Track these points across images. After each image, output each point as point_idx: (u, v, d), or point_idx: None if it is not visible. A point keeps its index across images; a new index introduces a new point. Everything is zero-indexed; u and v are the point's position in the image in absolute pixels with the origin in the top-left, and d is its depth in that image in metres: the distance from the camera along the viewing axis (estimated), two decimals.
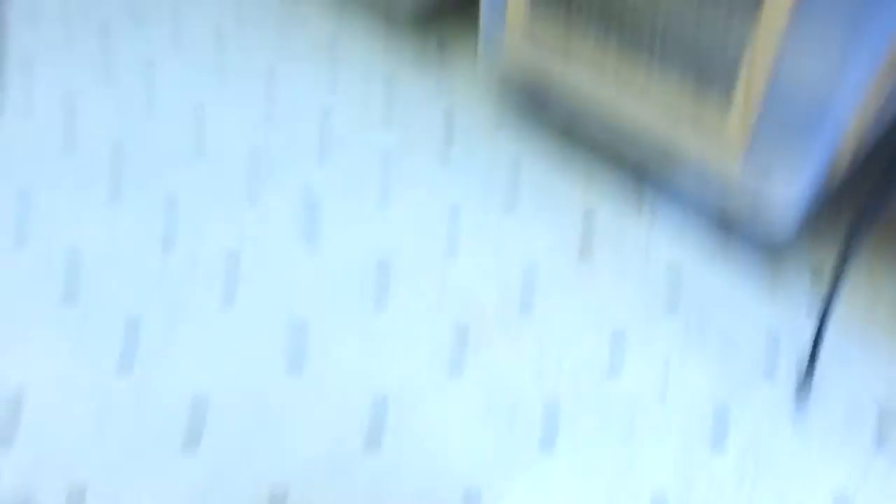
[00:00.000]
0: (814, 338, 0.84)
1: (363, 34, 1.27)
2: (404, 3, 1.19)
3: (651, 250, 0.99)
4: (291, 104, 1.15)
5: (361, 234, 0.99)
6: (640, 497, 0.77)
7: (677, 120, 0.90)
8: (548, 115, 1.15)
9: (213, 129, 1.11)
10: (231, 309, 0.91)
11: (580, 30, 1.02)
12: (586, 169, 1.08)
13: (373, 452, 0.79)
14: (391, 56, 1.23)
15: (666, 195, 1.05)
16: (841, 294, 0.94)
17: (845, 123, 0.82)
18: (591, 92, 0.98)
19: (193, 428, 0.81)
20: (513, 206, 1.03)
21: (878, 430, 0.83)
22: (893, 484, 0.79)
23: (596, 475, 0.78)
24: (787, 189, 0.86)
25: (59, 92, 1.14)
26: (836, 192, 1.06)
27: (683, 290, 0.95)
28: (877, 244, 1.01)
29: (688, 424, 0.83)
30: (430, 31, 1.28)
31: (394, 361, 0.87)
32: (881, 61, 0.76)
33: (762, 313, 0.93)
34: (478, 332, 0.89)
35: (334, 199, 1.03)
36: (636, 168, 1.09)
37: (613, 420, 0.83)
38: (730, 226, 1.02)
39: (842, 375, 0.87)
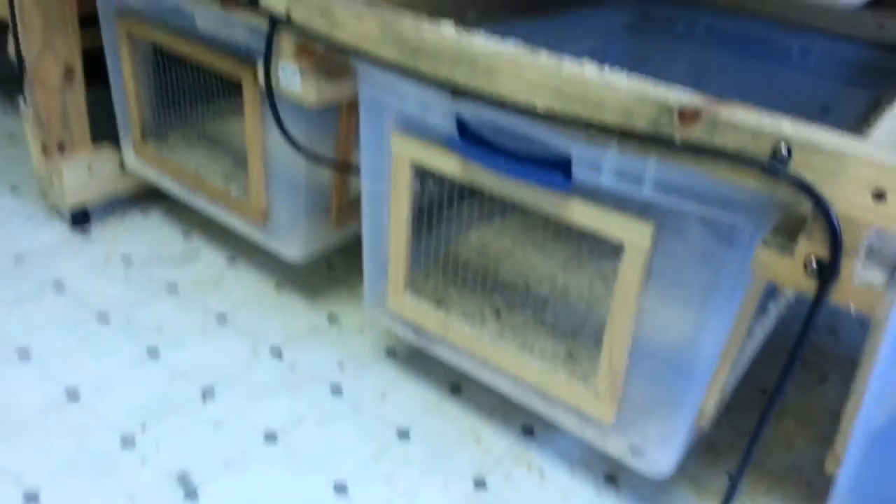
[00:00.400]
0: None
1: (254, 307, 1.31)
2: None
3: None
4: (176, 373, 1.14)
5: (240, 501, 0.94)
6: None
7: (553, 382, 0.95)
8: (435, 376, 1.18)
9: (91, 379, 1.08)
10: None
11: (458, 297, 1.10)
12: (473, 431, 1.09)
13: None
14: (281, 328, 1.26)
15: (554, 453, 1.07)
16: None
17: (709, 371, 0.88)
18: (471, 355, 1.03)
19: None
20: (399, 477, 1.01)
21: None
22: None
23: None
24: (660, 435, 0.90)
25: None
26: (710, 439, 1.10)
27: None
28: (754, 487, 1.04)
29: None
30: (321, 305, 1.34)
31: None
32: (737, 309, 0.84)
33: None
34: None
35: (212, 467, 0.98)
36: (523, 427, 1.11)
37: None
38: (616, 481, 1.03)
39: None
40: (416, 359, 1.21)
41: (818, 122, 1.58)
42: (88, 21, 1.39)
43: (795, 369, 1.16)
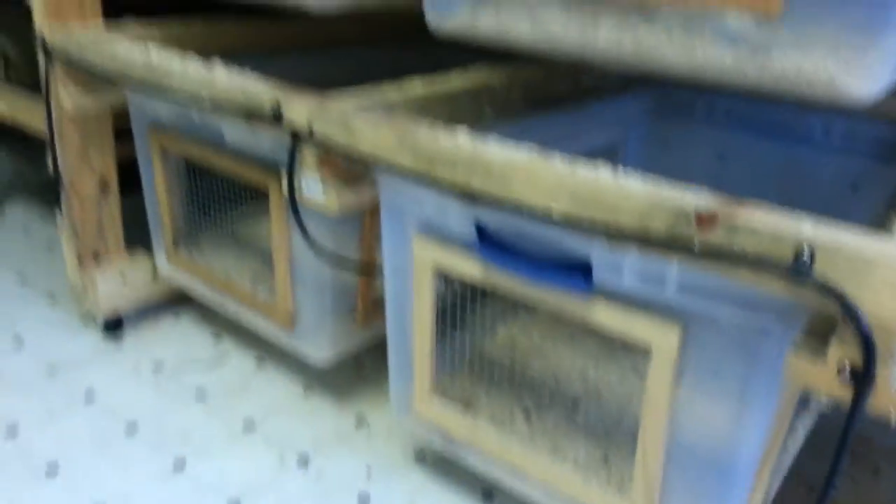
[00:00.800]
0: None
1: (282, 412, 1.30)
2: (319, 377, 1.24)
3: None
4: (203, 485, 1.12)
5: None
6: None
7: (587, 491, 0.91)
8: (467, 482, 1.15)
9: (120, 484, 1.07)
10: None
11: (486, 398, 1.07)
12: None
13: None
14: (309, 434, 1.25)
15: None
16: None
17: (751, 472, 0.84)
18: (500, 460, 1.00)
19: None
20: None
21: None
22: None
23: None
24: None
25: None
26: None
27: None
28: None
29: None
30: (349, 406, 1.32)
31: None
32: (776, 404, 0.80)
33: None
34: None
35: None
36: None
37: None
38: None
39: None
40: (446, 463, 1.18)
41: (848, 201, 1.55)
42: (123, 134, 1.45)
43: (844, 465, 1.10)
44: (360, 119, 0.89)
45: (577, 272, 0.79)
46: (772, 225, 0.62)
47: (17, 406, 1.28)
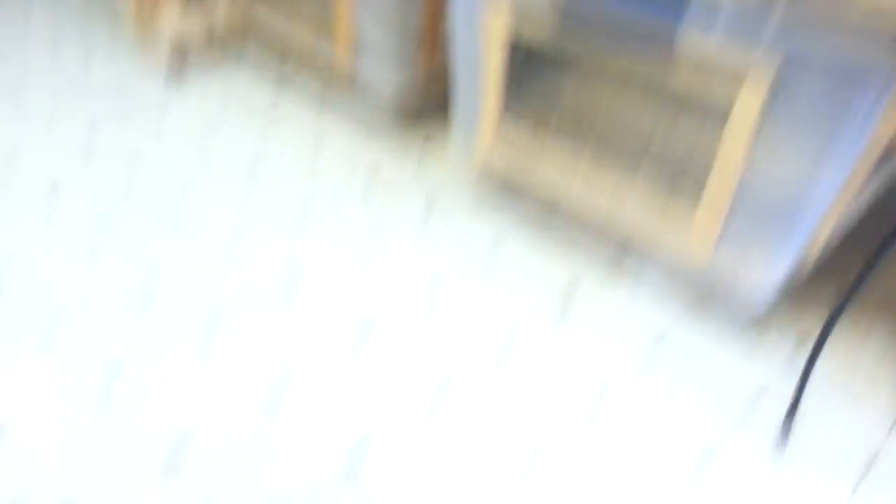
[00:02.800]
0: (796, 389, 0.83)
1: (349, 126, 1.33)
2: (383, 107, 1.26)
3: (631, 314, 1.00)
4: (274, 187, 1.19)
5: (342, 296, 1.01)
6: None
7: (649, 215, 0.94)
8: (526, 198, 1.17)
9: (196, 205, 1.15)
10: (211, 358, 0.92)
11: (551, 136, 1.06)
12: (568, 241, 1.10)
13: (350, 486, 0.79)
14: (375, 147, 1.29)
15: (648, 266, 1.05)
16: (823, 356, 0.89)
17: (819, 216, 0.85)
18: (563, 190, 1.02)
19: (172, 459, 0.82)
20: (493, 274, 1.04)
21: (854, 477, 0.82)
22: None
23: None
24: (760, 275, 0.89)
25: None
26: (816, 269, 1.05)
27: (664, 350, 0.95)
28: (857, 315, 1.01)
29: (667, 464, 0.83)
30: (416, 126, 1.33)
31: (374, 407, 0.88)
32: (857, 158, 0.79)
33: (744, 372, 0.93)
34: (458, 382, 0.89)
35: (315, 267, 1.05)
36: (617, 241, 1.08)
37: (591, 462, 0.83)
38: (711, 297, 1.03)
39: (821, 427, 0.87)
40: (507, 190, 1.18)
41: None
42: None
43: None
44: None
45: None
46: None
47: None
